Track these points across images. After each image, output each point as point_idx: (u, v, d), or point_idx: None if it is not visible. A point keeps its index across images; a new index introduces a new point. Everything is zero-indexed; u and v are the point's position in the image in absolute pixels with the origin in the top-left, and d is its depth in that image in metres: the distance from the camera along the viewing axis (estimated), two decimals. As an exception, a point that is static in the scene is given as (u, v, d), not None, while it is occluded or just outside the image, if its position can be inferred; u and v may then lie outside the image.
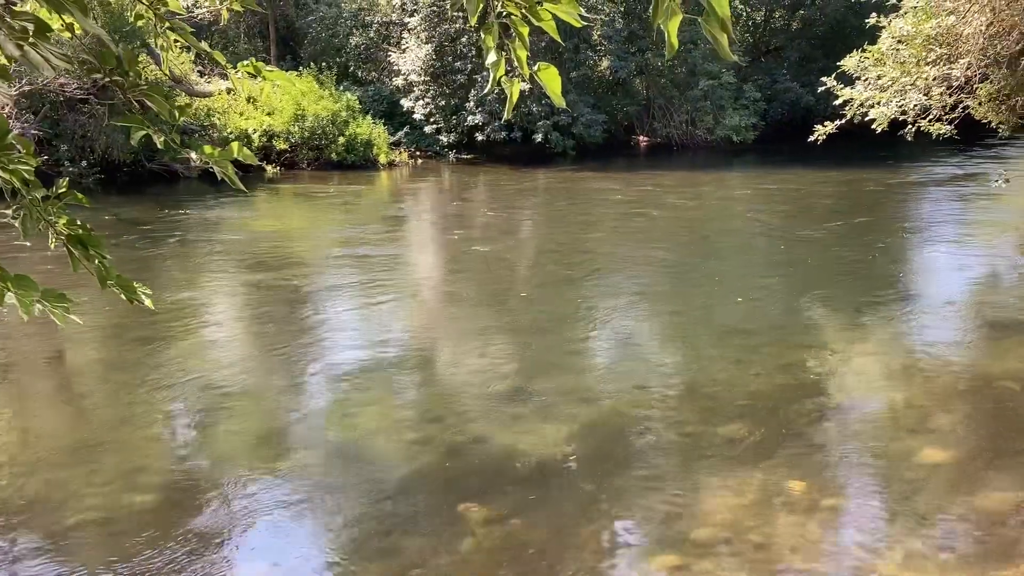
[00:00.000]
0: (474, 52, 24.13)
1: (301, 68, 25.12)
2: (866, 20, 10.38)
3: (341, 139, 22.52)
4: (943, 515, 4.76)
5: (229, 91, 21.20)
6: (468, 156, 25.16)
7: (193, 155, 2.27)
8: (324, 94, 23.32)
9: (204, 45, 2.64)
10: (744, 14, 31.04)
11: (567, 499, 5.03)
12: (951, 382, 6.81)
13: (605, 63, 26.88)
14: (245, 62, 2.65)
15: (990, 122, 10.77)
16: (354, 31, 28.18)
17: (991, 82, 9.92)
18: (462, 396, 6.77)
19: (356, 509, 4.98)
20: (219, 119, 21.22)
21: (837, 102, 10.15)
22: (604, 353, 8.12)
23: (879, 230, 13.65)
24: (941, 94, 9.52)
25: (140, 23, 2.51)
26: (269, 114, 22.29)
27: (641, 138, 28.20)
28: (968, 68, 9.14)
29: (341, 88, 24.71)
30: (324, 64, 25.14)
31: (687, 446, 5.78)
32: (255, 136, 21.50)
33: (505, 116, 2.26)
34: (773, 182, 19.65)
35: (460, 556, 4.47)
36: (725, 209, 16.86)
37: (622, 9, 26.93)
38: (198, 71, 21.74)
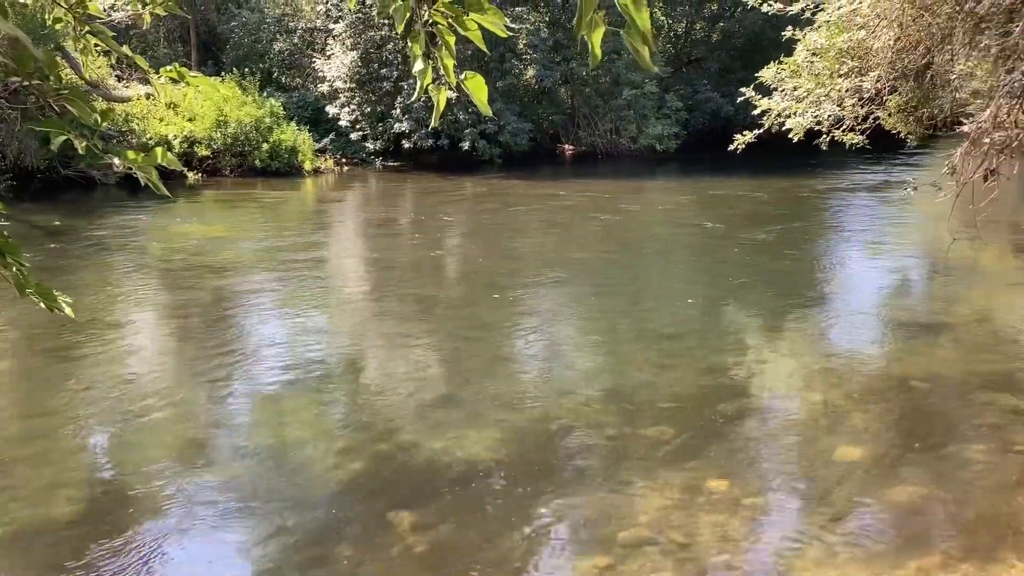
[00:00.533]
0: (400, 59, 24.07)
1: (223, 73, 24.67)
2: (782, 33, 10.68)
3: (265, 146, 22.20)
4: (858, 510, 4.94)
5: (148, 96, 20.69)
6: (395, 163, 25.06)
7: (116, 161, 2.24)
8: (247, 100, 22.95)
9: (126, 49, 2.61)
10: (666, 25, 31.66)
11: (496, 504, 5.07)
12: (866, 382, 7.06)
13: (531, 72, 27.10)
14: (168, 67, 2.62)
15: (899, 132, 11.18)
16: (278, 37, 27.82)
17: (899, 94, 10.30)
18: (390, 403, 6.75)
19: (284, 519, 4.92)
20: (138, 125, 20.70)
21: (756, 112, 10.42)
22: (531, 359, 8.19)
23: (798, 236, 14.06)
24: (853, 105, 9.84)
25: (59, 26, 2.47)
26: (190, 120, 21.83)
27: (567, 146, 28.49)
28: (878, 81, 9.47)
29: (265, 94, 24.36)
30: (247, 70, 24.74)
31: (613, 449, 5.88)
32: (176, 142, 21.02)
33: (432, 124, 2.30)
34: (695, 190, 20.07)
35: (389, 563, 4.47)
36: (649, 217, 17.15)
37: (547, 19, 27.21)
38: (116, 75, 21.18)
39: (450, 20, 2.19)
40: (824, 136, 9.93)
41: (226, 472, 5.52)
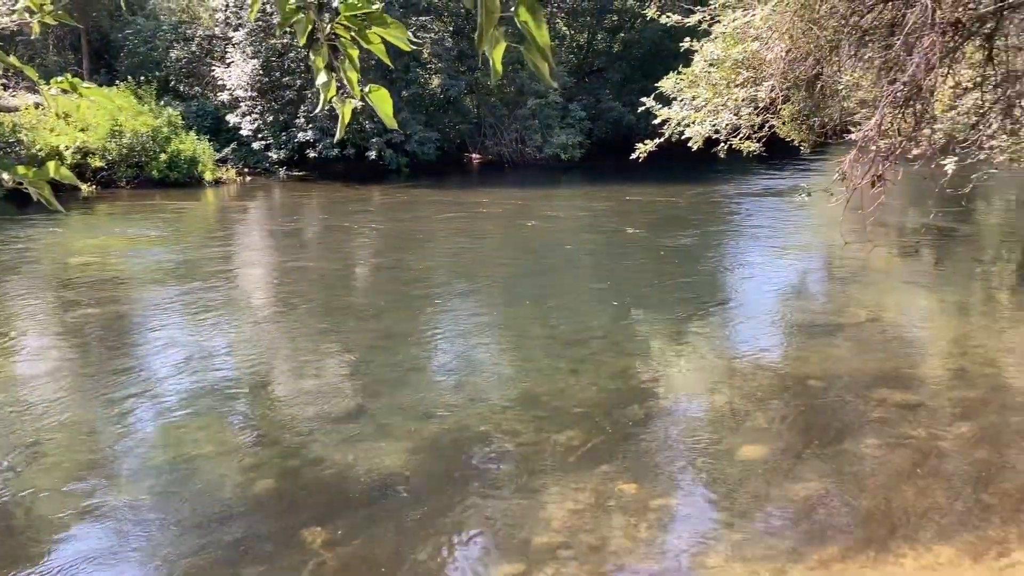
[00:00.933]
0: (303, 67, 23.74)
1: (118, 82, 23.87)
2: (681, 44, 11.00)
3: (163, 156, 21.56)
4: (761, 507, 5.11)
5: (38, 106, 19.85)
6: (300, 173, 24.67)
7: (4, 175, 2.15)
8: (144, 109, 22.26)
9: (13, 60, 2.52)
10: (568, 36, 32.10)
11: (409, 515, 5.05)
12: (767, 382, 7.30)
13: (436, 81, 27.10)
14: (60, 78, 2.54)
15: (793, 140, 11.63)
16: (174, 44, 27.07)
17: (792, 103, 10.73)
18: (298, 417, 6.65)
19: (192, 540, 4.79)
20: (27, 135, 19.83)
21: (656, 121, 10.69)
22: (442, 368, 8.18)
23: (707, 240, 14.43)
24: (749, 114, 10.20)
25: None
26: (83, 130, 21.02)
27: (473, 155, 28.58)
28: (772, 90, 9.84)
29: (162, 103, 23.67)
30: (143, 78, 24.00)
31: (525, 455, 5.92)
32: (68, 153, 20.21)
33: (337, 137, 2.29)
34: (599, 198, 20.40)
35: (302, 581, 4.40)
36: (556, 225, 17.34)
37: (451, 29, 27.26)
38: (1, 84, 20.24)
39: (353, 33, 2.19)
40: (722, 144, 10.28)
41: (128, 495, 5.33)
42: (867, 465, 5.60)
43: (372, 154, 24.30)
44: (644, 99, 10.78)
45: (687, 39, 10.81)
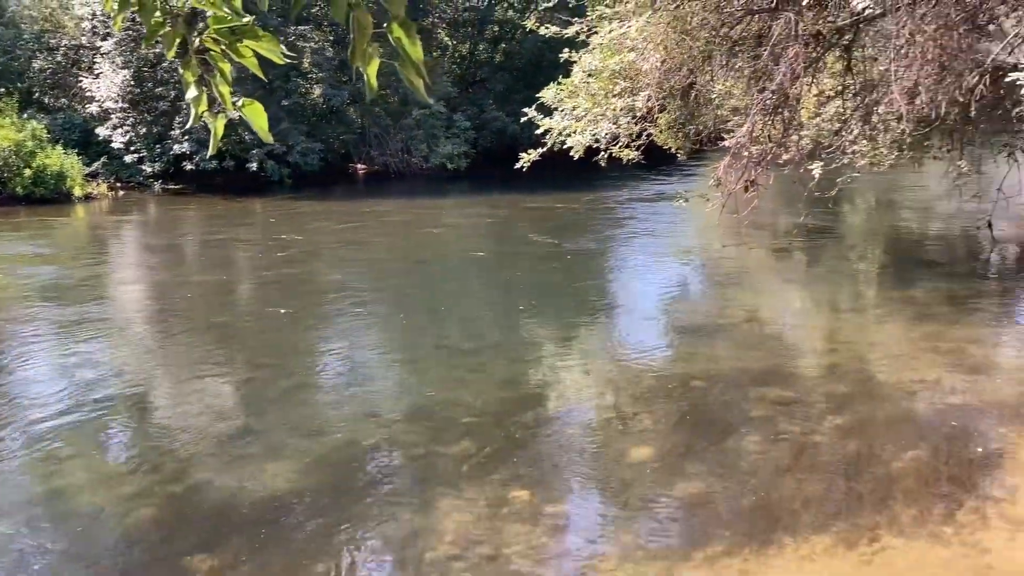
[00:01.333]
0: (177, 77, 22.96)
1: (-26, 94, 22.55)
2: (560, 55, 11.19)
3: (27, 171, 20.44)
4: (650, 508, 5.23)
5: None
6: (176, 186, 23.82)
7: None
8: (5, 123, 21.08)
9: None
10: (451, 47, 32.18)
11: (300, 536, 4.94)
12: (653, 384, 7.49)
13: (318, 91, 26.67)
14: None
15: (671, 147, 11.97)
16: (37, 54, 25.77)
17: (668, 112, 11.05)
18: (181, 441, 6.41)
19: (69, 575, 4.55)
20: None
21: (539, 131, 10.83)
22: (331, 384, 8.05)
23: (595, 246, 14.68)
24: (628, 123, 10.45)
25: None
26: (-63, 145, 19.77)
27: (359, 166, 28.25)
28: (649, 100, 10.11)
29: (25, 116, 22.46)
30: (3, 90, 22.73)
31: (418, 468, 5.89)
32: (-80, 169, 18.96)
33: (210, 152, 2.23)
34: (485, 207, 20.50)
35: (187, 611, 4.24)
36: (443, 235, 17.33)
37: (331, 38, 26.91)
38: None
39: (223, 47, 2.14)
40: (602, 153, 10.50)
41: (-5, 532, 5.03)
42: (748, 461, 5.81)
43: (253, 166, 23.68)
44: (526, 109, 10.91)
45: (566, 50, 11.00)
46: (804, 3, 8.51)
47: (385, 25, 1.67)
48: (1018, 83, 7.37)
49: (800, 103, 11.09)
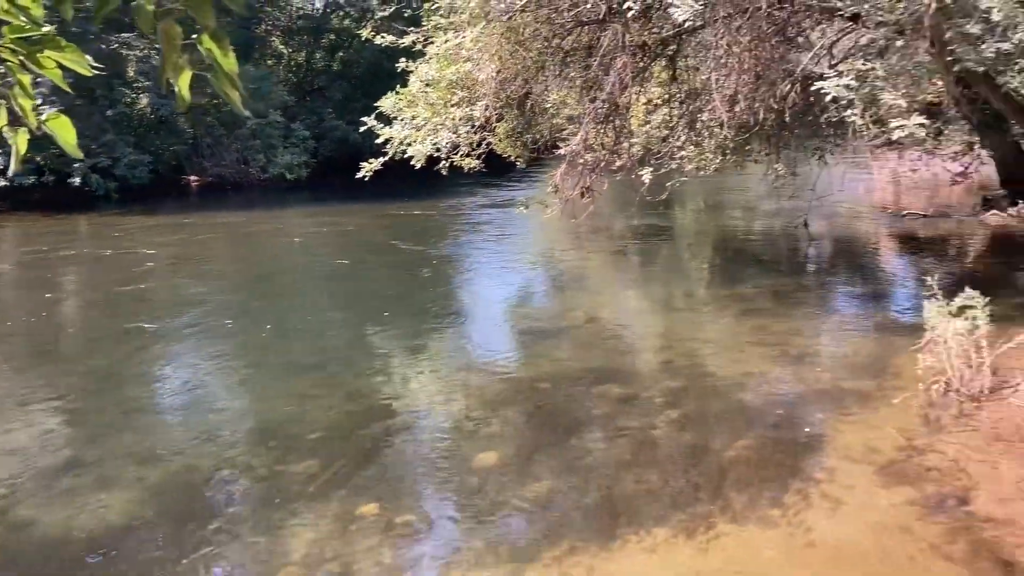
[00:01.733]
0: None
1: None
2: (397, 64, 11.17)
3: None
4: (499, 512, 5.28)
5: None
6: (-13, 204, 22.13)
7: None
8: None
9: None
10: (286, 55, 31.49)
11: (137, 571, 4.70)
12: (499, 389, 7.57)
13: (145, 100, 25.44)
14: None
15: (510, 156, 12.16)
16: None
17: (506, 121, 11.25)
18: (2, 476, 5.96)
19: None
20: None
21: (379, 140, 10.77)
22: (169, 407, 7.70)
23: (426, 257, 14.68)
24: (468, 132, 10.55)
25: None
26: None
27: (192, 178, 27.12)
28: (487, 109, 10.26)
29: None
30: None
31: (264, 489, 5.72)
32: None
33: (11, 171, 2.09)
34: (327, 217, 20.14)
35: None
36: (284, 248, 16.91)
37: (158, 47, 25.74)
38: None
39: (22, 58, 2.02)
40: (443, 162, 10.55)
41: None
42: (592, 458, 5.98)
43: (76, 180, 22.30)
44: (365, 119, 10.82)
45: (403, 60, 10.99)
46: (629, 15, 8.84)
47: (195, 37, 1.62)
48: (823, 91, 7.93)
49: (630, 111, 11.54)
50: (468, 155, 10.74)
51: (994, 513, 4.93)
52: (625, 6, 8.61)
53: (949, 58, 9.04)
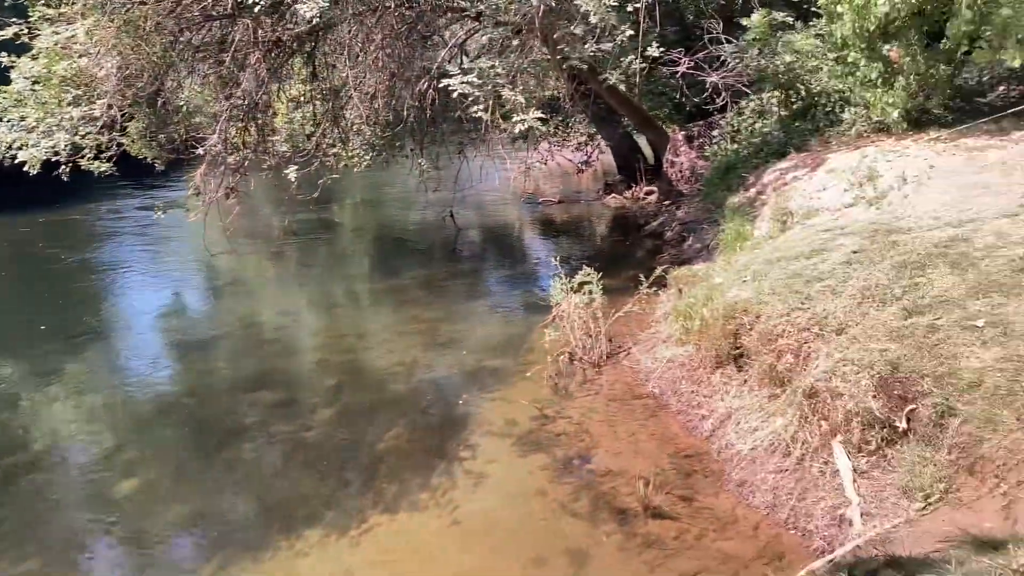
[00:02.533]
0: None
1: None
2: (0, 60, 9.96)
3: None
4: (142, 539, 4.99)
5: None
6: None
7: None
8: None
9: None
10: None
11: None
12: (144, 409, 7.10)
13: None
14: None
15: (147, 157, 11.35)
16: None
17: (137, 120, 10.50)
18: None
19: None
20: None
21: (-15, 144, 9.55)
22: None
23: (66, 271, 13.30)
24: (91, 134, 9.68)
25: None
26: None
27: None
28: (110, 108, 9.47)
29: None
30: None
31: None
32: None
33: None
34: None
35: None
36: None
37: None
38: None
39: None
40: (64, 166, 9.56)
41: None
42: (243, 470, 5.83)
43: None
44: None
45: (4, 54, 9.83)
46: (257, 11, 8.64)
47: None
48: (450, 88, 8.33)
49: (271, 109, 11.29)
50: (96, 158, 9.86)
51: (611, 467, 5.55)
52: (251, 1, 8.41)
53: (559, 56, 9.95)
